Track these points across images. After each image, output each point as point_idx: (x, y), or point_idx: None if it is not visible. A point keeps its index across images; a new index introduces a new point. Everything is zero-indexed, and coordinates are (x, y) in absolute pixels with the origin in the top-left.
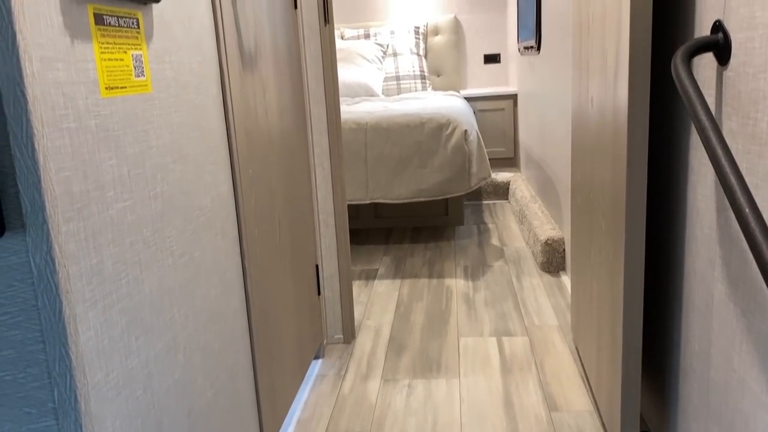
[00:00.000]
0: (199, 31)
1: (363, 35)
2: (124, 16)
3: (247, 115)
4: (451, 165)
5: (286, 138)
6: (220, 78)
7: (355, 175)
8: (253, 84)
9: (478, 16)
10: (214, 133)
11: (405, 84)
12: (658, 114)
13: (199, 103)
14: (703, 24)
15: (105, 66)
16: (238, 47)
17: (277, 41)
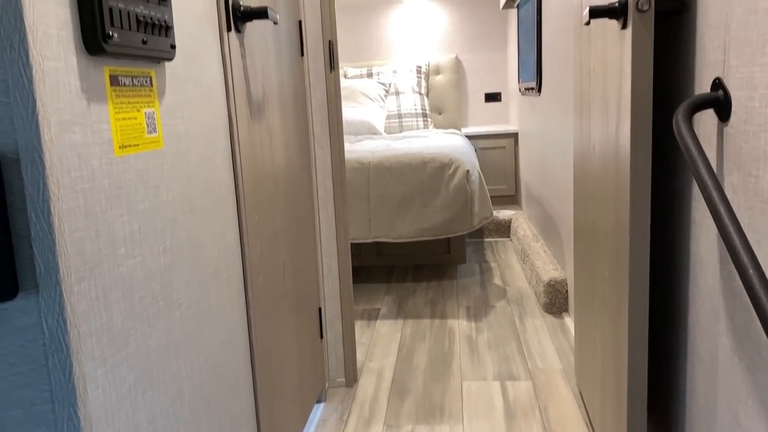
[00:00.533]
0: (209, 84)
1: (366, 74)
2: (138, 76)
3: (254, 163)
4: (454, 204)
5: (291, 182)
6: (228, 129)
7: (357, 213)
8: (260, 132)
9: (478, 56)
10: (222, 183)
11: (407, 122)
12: (660, 163)
13: (208, 154)
14: (703, 79)
15: (119, 126)
16: (246, 98)
17: (284, 89)
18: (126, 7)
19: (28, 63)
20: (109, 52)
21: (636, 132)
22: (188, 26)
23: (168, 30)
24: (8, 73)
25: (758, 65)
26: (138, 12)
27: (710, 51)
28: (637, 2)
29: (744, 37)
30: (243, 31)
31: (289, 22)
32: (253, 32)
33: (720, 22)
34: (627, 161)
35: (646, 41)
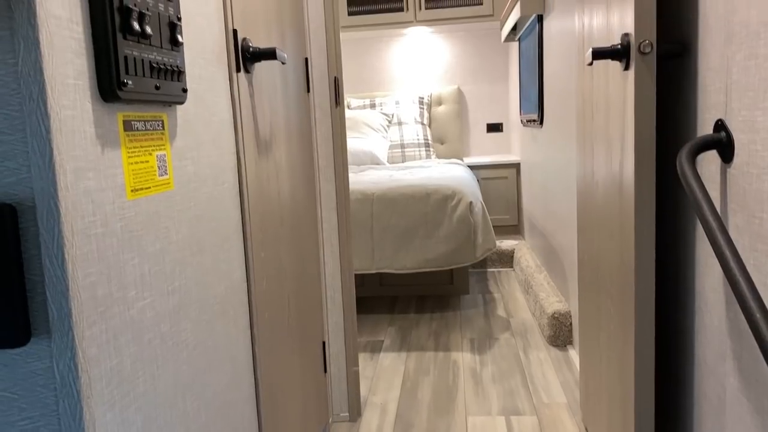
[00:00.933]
0: (219, 125)
1: (369, 105)
2: (151, 120)
3: (261, 200)
4: (457, 236)
5: (296, 216)
6: (237, 167)
7: (361, 244)
8: (267, 168)
9: (480, 87)
10: (229, 221)
11: (409, 152)
12: (664, 200)
13: (216, 194)
14: (705, 120)
15: (131, 170)
16: (254, 136)
17: (290, 124)
18: (140, 55)
19: (46, 113)
20: (123, 99)
21: (640, 171)
22: (199, 68)
23: (180, 74)
24: (27, 124)
25: (760, 110)
26: (152, 59)
27: (712, 93)
28: (639, 45)
29: (745, 81)
30: (252, 71)
31: (296, 59)
32: (262, 71)
33: (721, 66)
34: (631, 200)
35: (648, 83)
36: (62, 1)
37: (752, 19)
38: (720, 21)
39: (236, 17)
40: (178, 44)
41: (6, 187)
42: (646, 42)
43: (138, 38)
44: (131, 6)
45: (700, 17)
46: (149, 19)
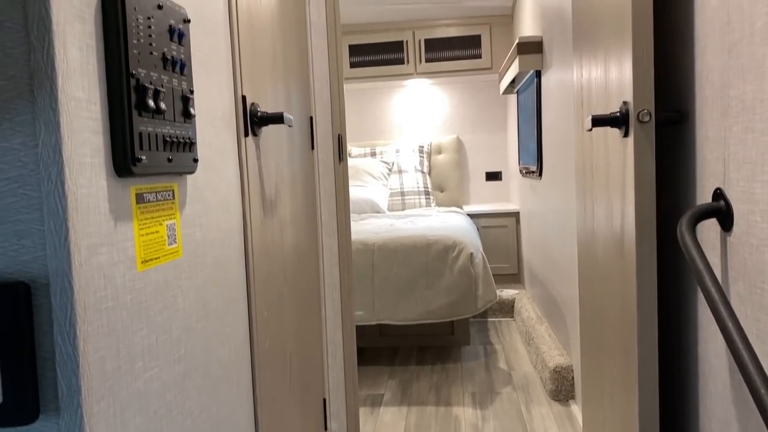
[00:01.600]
0: (226, 189)
1: (369, 153)
2: (162, 191)
3: (265, 259)
4: (458, 287)
5: (299, 273)
6: (242, 229)
7: (361, 295)
8: (272, 227)
9: (479, 136)
10: (234, 283)
11: (410, 199)
12: (665, 263)
13: (223, 257)
14: (705, 187)
15: (142, 241)
16: (260, 197)
17: (295, 182)
18: (154, 130)
19: (63, 194)
20: (136, 174)
21: (641, 235)
22: (209, 136)
23: (192, 146)
24: (44, 204)
25: (758, 182)
26: (165, 132)
27: (711, 161)
28: (638, 114)
29: (743, 153)
30: (259, 134)
31: (301, 118)
32: (269, 132)
33: (718, 136)
34: (632, 262)
35: (648, 151)
36: (82, 83)
37: (747, 94)
38: (716, 93)
39: (245, 83)
40: (190, 116)
41: (21, 264)
42: (645, 111)
43: (152, 114)
44: (147, 84)
45: (697, 88)
46: (163, 95)
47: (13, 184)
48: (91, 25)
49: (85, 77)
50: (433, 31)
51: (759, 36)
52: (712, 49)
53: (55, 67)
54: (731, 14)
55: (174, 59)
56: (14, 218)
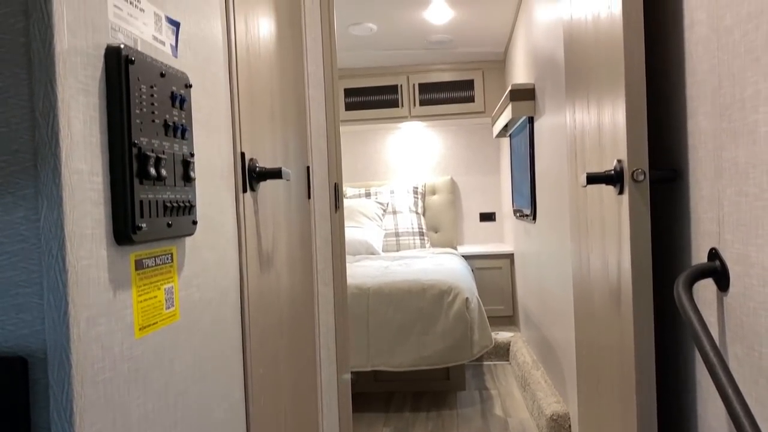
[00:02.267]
0: (224, 247)
1: (364, 194)
2: (161, 255)
3: (261, 314)
4: (453, 333)
5: (294, 325)
6: (239, 285)
7: (356, 340)
8: (268, 281)
9: (473, 178)
10: (230, 341)
11: (404, 240)
12: (662, 317)
13: (219, 316)
14: (700, 246)
15: (140, 308)
16: (257, 252)
17: (291, 233)
18: (155, 197)
19: (64, 268)
20: (136, 242)
21: (638, 291)
22: (209, 195)
23: (191, 208)
24: (44, 278)
25: (753, 246)
26: (165, 198)
27: (705, 221)
28: (633, 173)
29: (737, 216)
30: (257, 189)
31: (298, 168)
32: (266, 186)
33: (713, 196)
34: (630, 317)
35: (642, 210)
36: (85, 155)
37: (740, 158)
38: (709, 155)
39: (244, 139)
40: (190, 180)
41: (19, 338)
42: (639, 171)
43: (153, 181)
44: (148, 153)
45: (690, 148)
46: (165, 162)
47: (13, 257)
48: (95, 97)
49: (88, 149)
50: (427, 75)
51: (750, 102)
52: (704, 111)
53: (59, 142)
54: (722, 79)
55: (175, 125)
56: (14, 292)
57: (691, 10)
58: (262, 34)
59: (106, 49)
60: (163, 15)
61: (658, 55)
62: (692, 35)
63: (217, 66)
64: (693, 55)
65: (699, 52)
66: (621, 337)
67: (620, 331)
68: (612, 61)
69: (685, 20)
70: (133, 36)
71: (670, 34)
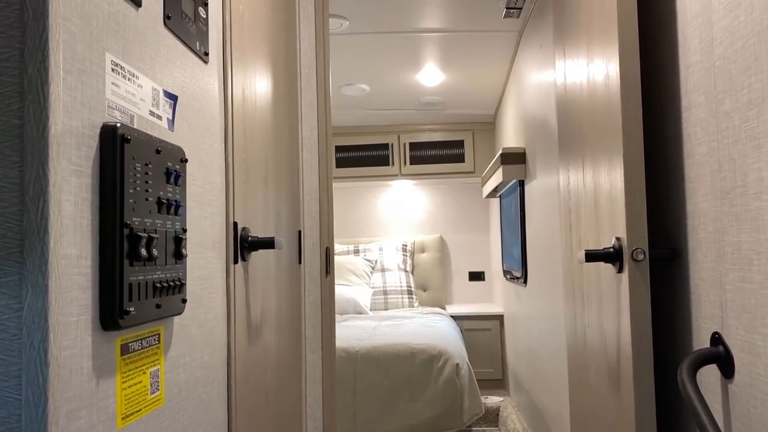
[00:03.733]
0: (213, 322)
1: (353, 251)
2: (148, 336)
3: (247, 392)
4: (443, 400)
5: (280, 397)
6: (227, 361)
7: (343, 406)
8: (256, 353)
9: (462, 236)
10: (216, 422)
11: (392, 299)
12: (662, 396)
13: (205, 396)
14: (701, 329)
15: (124, 395)
16: (246, 324)
17: (281, 301)
18: (145, 278)
19: (46, 361)
20: (123, 327)
21: (639, 378)
22: (198, 268)
23: (182, 287)
24: (23, 371)
25: (759, 334)
26: (155, 278)
27: (707, 304)
28: (632, 252)
29: (741, 302)
30: (248, 259)
31: (289, 233)
32: (257, 255)
33: (714, 279)
34: (630, 405)
35: (642, 289)
36: (74, 239)
37: (743, 244)
38: (710, 237)
39: (237, 209)
40: (182, 257)
41: None
42: (639, 250)
43: (144, 262)
44: (140, 233)
45: (690, 229)
46: (156, 241)
47: None
48: (88, 178)
49: (77, 232)
50: (417, 135)
51: (752, 189)
52: (704, 192)
53: (48, 228)
54: (722, 163)
55: (169, 201)
56: None
57: (688, 91)
58: (259, 100)
59: (102, 128)
60: (160, 89)
61: (657, 131)
62: (690, 116)
63: (213, 137)
64: (691, 136)
65: (697, 134)
66: (620, 415)
67: (619, 408)
68: (609, 132)
69: (682, 101)
70: (130, 113)
71: (667, 112)
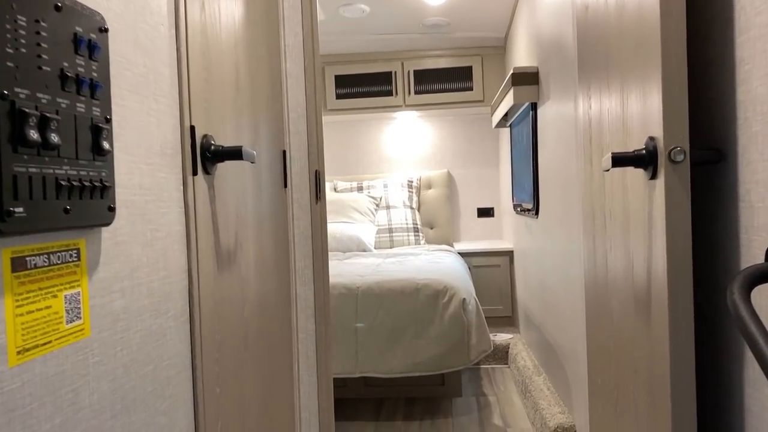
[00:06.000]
0: (166, 242)
1: (356, 188)
2: (60, 250)
3: (218, 325)
4: (449, 337)
5: (265, 333)
6: (188, 290)
7: (343, 345)
8: (230, 284)
9: (470, 171)
10: (173, 359)
11: (398, 236)
12: (698, 322)
13: (156, 329)
14: (753, 241)
15: (20, 323)
16: (214, 248)
17: (262, 226)
18: (41, 172)
19: None
20: (9, 232)
21: (675, 299)
22: (140, 176)
23: (106, 190)
24: None
25: None
26: (60, 174)
27: (761, 211)
28: (670, 152)
29: None
30: (214, 172)
31: (271, 153)
32: (228, 170)
33: None
34: (664, 332)
35: (682, 196)
36: None
37: None
38: None
39: (195, 112)
40: (103, 152)
41: None
42: (678, 149)
43: (38, 150)
44: (29, 110)
45: (741, 121)
46: (58, 125)
47: None
48: None
49: None
50: (422, 62)
51: None
52: (761, 74)
53: None
54: None
55: (80, 78)
56: None
57: None
58: None
59: None
60: None
61: (701, 15)
62: None
63: (157, 18)
64: (746, 7)
65: (755, 2)
66: (650, 349)
67: (650, 341)
68: (643, 32)
69: None
70: None
71: None
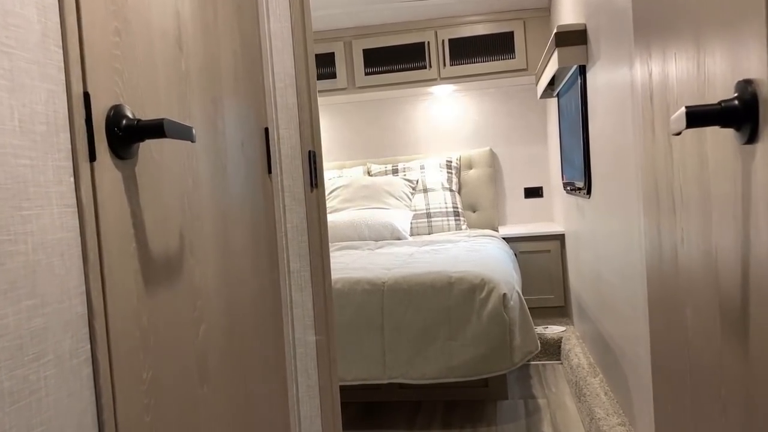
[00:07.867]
0: (30, 257)
1: (390, 170)
2: None
3: (149, 356)
4: (488, 337)
5: (236, 357)
6: (87, 318)
7: (369, 347)
8: (170, 302)
9: (515, 149)
10: (63, 417)
11: (437, 222)
12: None
13: (13, 386)
14: None
15: None
16: (138, 260)
17: (231, 223)
18: None
19: None
20: None
21: None
22: None
23: None
24: None
25: None
26: None
27: None
28: None
29: None
30: (132, 155)
31: (244, 130)
32: (163, 154)
33: None
34: None
35: None
36: None
37: None
38: None
39: (98, 74)
40: None
41: None
42: None
43: None
44: None
45: None
46: None
47: None
48: None
49: None
50: (457, 30)
51: None
52: None
53: None
54: None
55: None
56: None
57: None
58: None
59: None
60: None
61: None
62: None
63: None
64: None
65: None
66: (748, 380)
67: (747, 368)
68: None
69: None
70: None
71: None
